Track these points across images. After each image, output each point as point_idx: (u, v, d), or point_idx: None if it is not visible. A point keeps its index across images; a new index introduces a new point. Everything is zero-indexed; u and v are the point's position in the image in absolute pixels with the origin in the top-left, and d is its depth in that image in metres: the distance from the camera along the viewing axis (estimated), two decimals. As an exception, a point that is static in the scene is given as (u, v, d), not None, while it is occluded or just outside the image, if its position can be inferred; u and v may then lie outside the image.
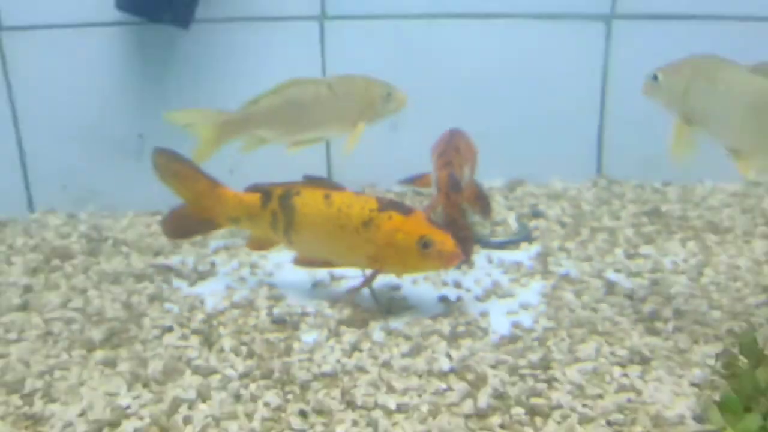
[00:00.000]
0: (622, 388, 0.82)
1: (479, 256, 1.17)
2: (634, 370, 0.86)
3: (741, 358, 0.74)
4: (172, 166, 1.07)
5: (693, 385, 0.81)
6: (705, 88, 0.91)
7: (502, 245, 1.20)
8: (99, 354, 0.91)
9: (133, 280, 1.11)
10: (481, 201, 1.21)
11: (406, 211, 0.97)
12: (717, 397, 0.74)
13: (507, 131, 1.40)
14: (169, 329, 0.96)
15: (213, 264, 1.17)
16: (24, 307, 1.03)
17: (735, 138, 0.91)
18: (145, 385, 0.85)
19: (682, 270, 1.11)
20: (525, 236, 1.22)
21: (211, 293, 1.07)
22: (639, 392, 0.81)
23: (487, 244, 1.20)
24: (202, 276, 1.13)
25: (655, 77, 0.96)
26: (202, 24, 1.30)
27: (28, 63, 1.31)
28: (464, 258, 0.97)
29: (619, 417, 0.77)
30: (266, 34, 1.35)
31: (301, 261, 1.07)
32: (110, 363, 0.89)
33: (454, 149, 1.15)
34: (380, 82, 1.17)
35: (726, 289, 1.05)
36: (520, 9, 1.37)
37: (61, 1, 1.28)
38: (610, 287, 1.06)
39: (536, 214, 1.30)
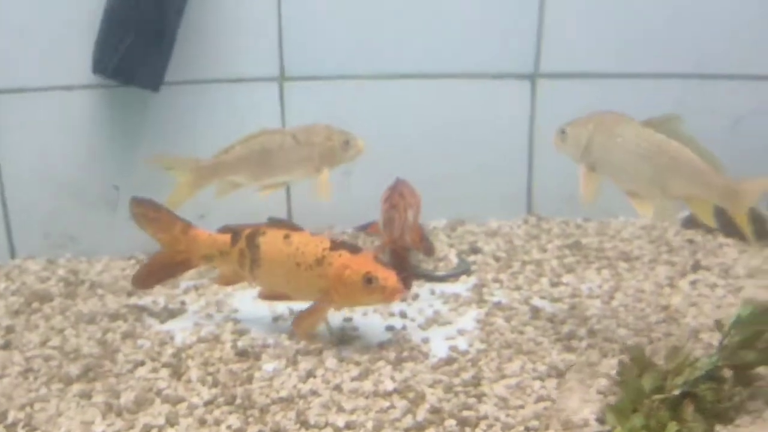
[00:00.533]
0: (540, 399, 0.91)
1: (423, 289, 1.25)
2: (551, 382, 0.95)
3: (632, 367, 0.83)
4: (149, 213, 1.14)
5: (599, 392, 0.90)
6: (605, 141, 1.03)
7: (443, 279, 1.29)
8: (76, 387, 0.96)
9: (107, 319, 1.16)
10: (425, 242, 1.31)
11: (355, 250, 1.06)
12: (613, 401, 0.83)
13: (449, 178, 1.50)
14: (141, 363, 1.01)
15: (183, 303, 1.22)
16: (6, 346, 1.07)
17: (631, 183, 1.02)
18: (119, 414, 0.90)
19: (596, 295, 1.21)
20: (464, 270, 1.31)
21: (181, 329, 1.12)
22: (553, 401, 0.90)
23: (430, 278, 1.29)
24: (172, 314, 1.18)
25: (563, 132, 1.07)
26: (171, 86, 1.37)
27: (12, 121, 1.36)
28: (406, 293, 1.04)
29: (536, 423, 0.86)
30: (230, 95, 1.43)
31: (265, 295, 1.14)
32: (86, 395, 0.94)
33: (398, 195, 1.24)
34: (340, 131, 1.25)
35: (632, 310, 1.16)
36: (456, 70, 1.49)
37: (44, 67, 1.35)
38: (535, 312, 1.15)
39: (474, 250, 1.39)
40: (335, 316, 1.12)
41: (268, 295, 1.13)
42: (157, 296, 1.24)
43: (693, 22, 1.44)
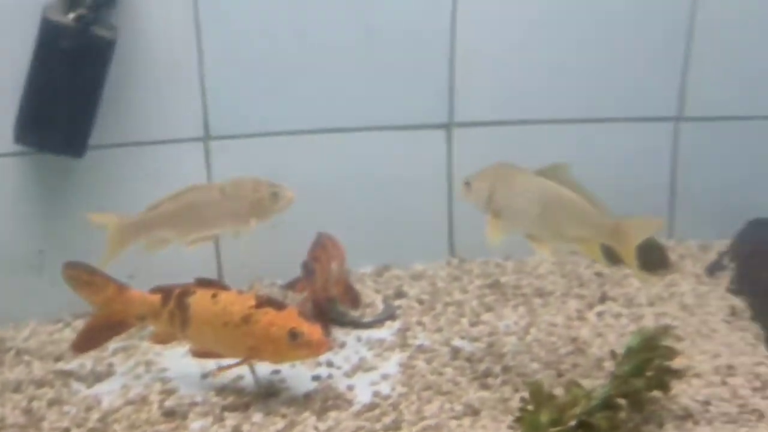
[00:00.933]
0: (455, 438, 0.96)
1: (350, 336, 1.30)
2: (467, 421, 1.00)
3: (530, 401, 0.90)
4: (83, 276, 1.15)
5: (509, 427, 0.96)
6: (505, 191, 1.12)
7: (370, 325, 1.34)
8: (0, 459, 0.95)
9: (34, 386, 1.15)
10: (350, 293, 1.36)
11: (280, 306, 1.10)
12: (519, 435, 0.89)
13: (375, 225, 1.56)
14: (67, 430, 1.01)
15: (111, 365, 1.22)
16: (-74, 423, 1.05)
17: (530, 227, 1.11)
18: (43, 485, 0.90)
19: (513, 331, 1.29)
20: (389, 315, 1.37)
21: (108, 392, 1.13)
22: (467, 439, 0.95)
23: (357, 325, 1.33)
24: (99, 377, 1.18)
25: (468, 184, 1.16)
26: (96, 150, 1.39)
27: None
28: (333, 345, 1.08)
29: (450, 462, 0.91)
30: (155, 157, 1.46)
31: (196, 353, 1.16)
32: (10, 468, 0.93)
33: (321, 248, 1.29)
34: (268, 183, 1.29)
35: (545, 344, 1.23)
36: (376, 122, 1.56)
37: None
38: (455, 353, 1.21)
39: (400, 294, 1.45)
40: (263, 369, 1.15)
41: (199, 353, 1.16)
42: (85, 359, 1.24)
43: (586, 69, 1.57)
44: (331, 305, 1.32)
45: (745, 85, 1.58)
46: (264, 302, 1.10)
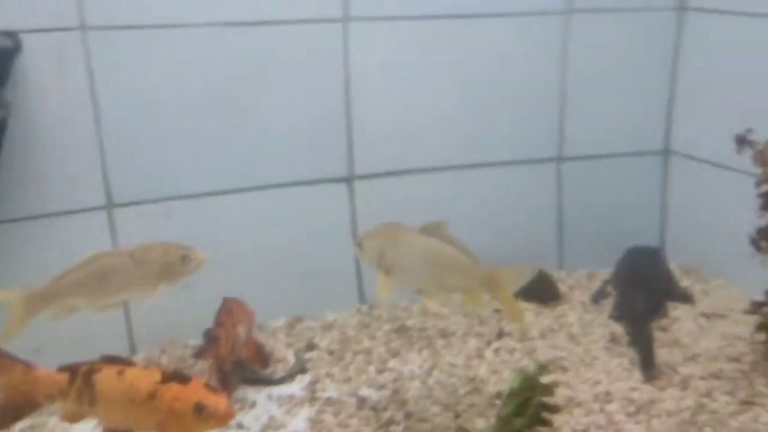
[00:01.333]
0: (355, 492, 1.02)
1: (261, 394, 1.34)
2: (368, 472, 1.06)
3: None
4: None
5: (405, 477, 1.03)
6: (391, 249, 1.20)
7: (280, 381, 1.38)
8: None
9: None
10: (260, 353, 1.39)
11: (185, 380, 1.12)
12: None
13: (286, 280, 1.61)
14: None
15: (18, 447, 1.22)
16: None
17: (418, 282, 1.20)
18: None
19: (416, 376, 1.36)
20: (300, 369, 1.41)
21: (15, 478, 1.12)
22: (366, 492, 1.01)
23: (268, 383, 1.37)
24: (5, 463, 1.17)
25: (360, 244, 1.23)
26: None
27: None
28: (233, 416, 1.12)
29: None
30: (58, 229, 1.46)
31: (106, 430, 1.17)
32: None
33: (226, 313, 1.33)
34: (178, 246, 1.31)
35: (445, 386, 1.31)
36: (277, 180, 1.61)
37: None
38: (362, 402, 1.27)
39: (310, 347, 1.50)
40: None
41: (110, 430, 1.17)
42: (-9, 445, 1.23)
43: (474, 117, 1.69)
44: (241, 367, 1.36)
45: (613, 125, 1.74)
46: (170, 377, 1.13)
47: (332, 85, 1.61)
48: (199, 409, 1.08)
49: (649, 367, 1.30)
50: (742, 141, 1.24)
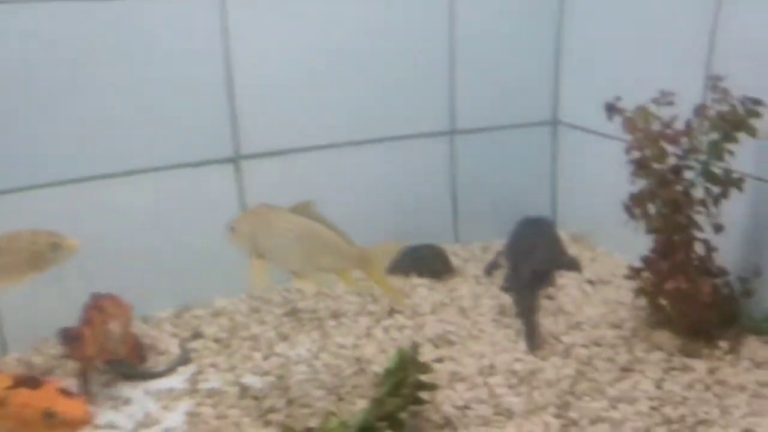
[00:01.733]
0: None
1: (137, 390, 1.25)
2: (242, 465, 1.01)
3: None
4: None
5: (277, 467, 0.98)
6: (264, 231, 1.13)
7: (161, 375, 1.30)
8: None
9: None
10: (137, 350, 1.30)
11: (37, 385, 1.03)
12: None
13: (172, 267, 1.52)
14: None
15: None
16: None
17: (291, 264, 1.14)
18: None
19: (304, 359, 1.31)
20: (183, 360, 1.33)
21: None
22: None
23: (147, 377, 1.29)
24: None
25: (232, 228, 1.16)
26: None
27: None
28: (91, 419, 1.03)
29: None
30: None
31: (-38, 439, 1.06)
32: None
33: (95, 310, 1.23)
34: (47, 233, 1.20)
35: (332, 368, 1.27)
36: (161, 163, 1.51)
37: None
38: (244, 391, 1.21)
39: (197, 336, 1.42)
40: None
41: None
42: None
43: (363, 94, 1.63)
44: (118, 365, 1.26)
45: (503, 97, 1.72)
46: (20, 382, 1.03)
47: (212, 63, 1.50)
48: (49, 415, 0.99)
49: (532, 337, 1.30)
50: (611, 109, 1.24)
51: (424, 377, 1.06)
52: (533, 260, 1.54)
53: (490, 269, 1.62)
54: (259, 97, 1.57)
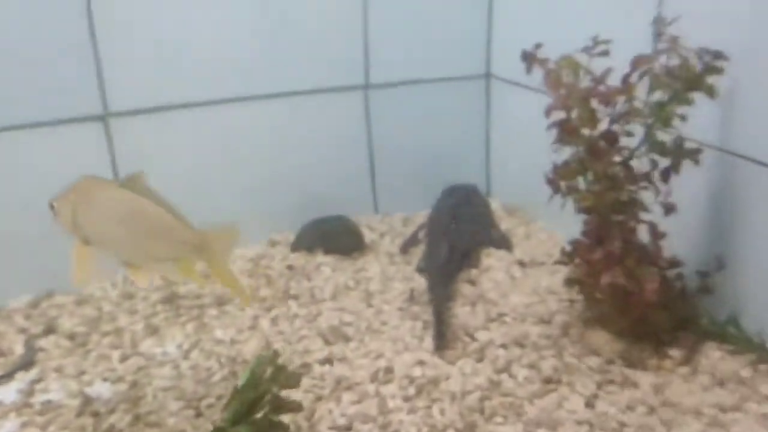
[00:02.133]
0: None
1: (-41, 404, 1.01)
2: None
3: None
4: None
5: None
6: (86, 210, 0.88)
7: (-7, 382, 1.05)
8: None
9: None
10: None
11: None
12: None
13: (29, 243, 1.25)
14: None
15: None
16: None
17: (121, 251, 0.89)
18: None
19: (170, 359, 1.08)
20: (25, 363, 1.09)
21: None
22: None
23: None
24: None
25: (52, 207, 0.90)
26: None
27: None
28: None
29: None
30: None
31: None
32: None
33: None
34: None
35: (199, 371, 1.04)
36: (14, 121, 1.24)
37: None
38: (85, 405, 0.98)
39: (49, 331, 1.17)
40: None
41: None
42: None
43: (269, 46, 1.36)
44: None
45: (427, 49, 1.46)
46: None
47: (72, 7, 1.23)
48: None
49: (439, 335, 1.07)
50: (529, 58, 0.98)
51: (286, 393, 0.83)
52: (453, 236, 1.30)
53: (407, 246, 1.38)
54: (128, 51, 1.30)
